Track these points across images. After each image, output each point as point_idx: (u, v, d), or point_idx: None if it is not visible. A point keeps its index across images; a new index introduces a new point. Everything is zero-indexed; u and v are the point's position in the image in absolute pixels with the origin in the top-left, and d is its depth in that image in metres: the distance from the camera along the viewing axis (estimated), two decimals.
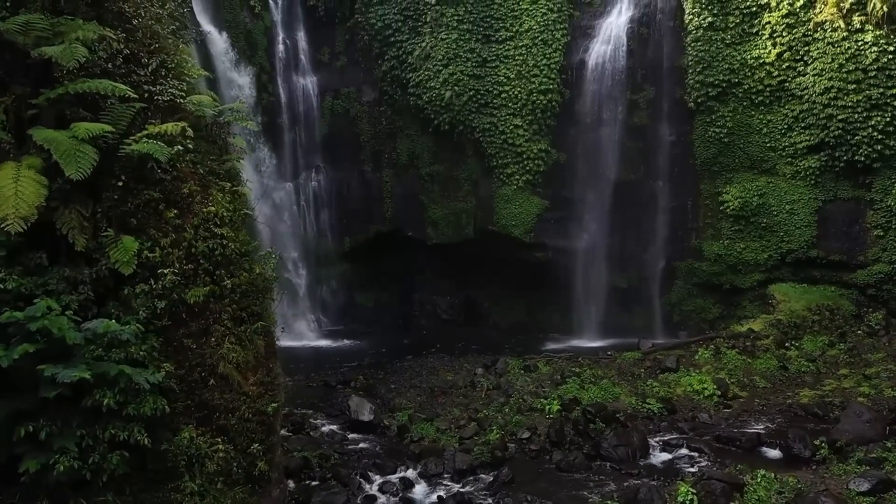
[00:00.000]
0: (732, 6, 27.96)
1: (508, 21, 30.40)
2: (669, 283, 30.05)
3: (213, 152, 12.63)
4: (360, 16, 32.31)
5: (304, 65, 33.61)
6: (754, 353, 22.33)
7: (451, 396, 20.00)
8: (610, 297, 30.41)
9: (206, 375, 11.18)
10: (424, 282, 34.08)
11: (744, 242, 28.48)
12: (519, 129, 30.21)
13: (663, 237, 29.83)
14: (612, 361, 22.63)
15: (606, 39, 29.72)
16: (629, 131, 29.79)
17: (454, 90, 30.37)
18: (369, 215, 33.68)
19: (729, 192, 28.45)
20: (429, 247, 32.71)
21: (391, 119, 33.00)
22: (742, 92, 28.03)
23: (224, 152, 13.48)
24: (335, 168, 33.68)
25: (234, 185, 12.57)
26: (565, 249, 30.53)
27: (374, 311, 34.07)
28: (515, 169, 30.48)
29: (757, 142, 28.19)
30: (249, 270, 12.57)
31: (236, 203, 12.57)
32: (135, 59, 11.54)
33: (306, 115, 33.36)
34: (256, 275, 12.74)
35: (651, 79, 29.54)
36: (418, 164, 32.51)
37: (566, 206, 30.52)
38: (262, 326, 12.45)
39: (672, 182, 29.61)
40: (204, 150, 12.34)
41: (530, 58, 29.99)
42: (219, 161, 12.72)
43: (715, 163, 28.78)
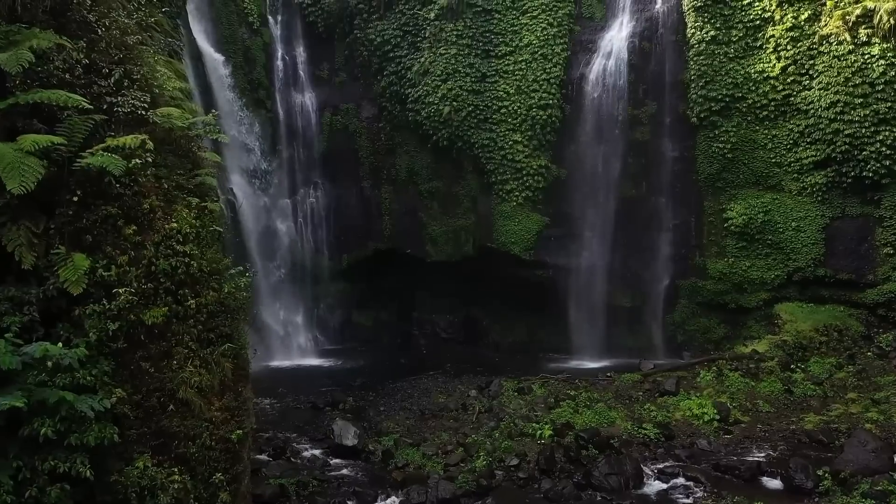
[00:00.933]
0: (735, 20, 27.43)
1: (508, 36, 30.02)
2: (673, 302, 29.27)
3: (181, 166, 12.16)
4: (360, 31, 32.08)
5: (303, 81, 33.38)
6: (758, 375, 21.51)
7: (441, 420, 19.33)
8: (612, 317, 29.64)
9: (166, 401, 10.62)
10: (424, 300, 33.48)
11: (749, 260, 27.70)
12: (518, 144, 29.71)
13: (666, 255, 29.12)
14: (610, 383, 21.87)
15: (607, 54, 29.25)
16: (631, 147, 29.19)
17: (453, 105, 29.96)
18: (368, 232, 33.19)
19: (733, 208, 27.74)
20: (428, 264, 32.14)
21: (390, 135, 32.62)
22: (746, 107, 27.41)
23: (196, 166, 13.03)
24: (333, 184, 33.28)
25: (202, 201, 12.08)
26: (566, 267, 29.87)
27: (372, 330, 33.50)
28: (515, 185, 29.93)
29: (762, 157, 27.51)
30: (218, 289, 12.05)
31: (204, 219, 12.08)
32: (96, 69, 11.12)
33: (305, 132, 33.06)
34: (226, 294, 12.21)
35: (653, 93, 28.98)
36: (417, 180, 32.05)
37: (567, 223, 29.89)
38: (231, 348, 11.89)
39: (675, 199, 28.93)
40: (171, 164, 11.88)
41: (530, 73, 29.55)
42: (187, 176, 12.26)
43: (719, 179, 28.10)
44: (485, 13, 30.22)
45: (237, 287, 12.43)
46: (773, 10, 26.91)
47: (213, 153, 13.40)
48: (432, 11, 30.40)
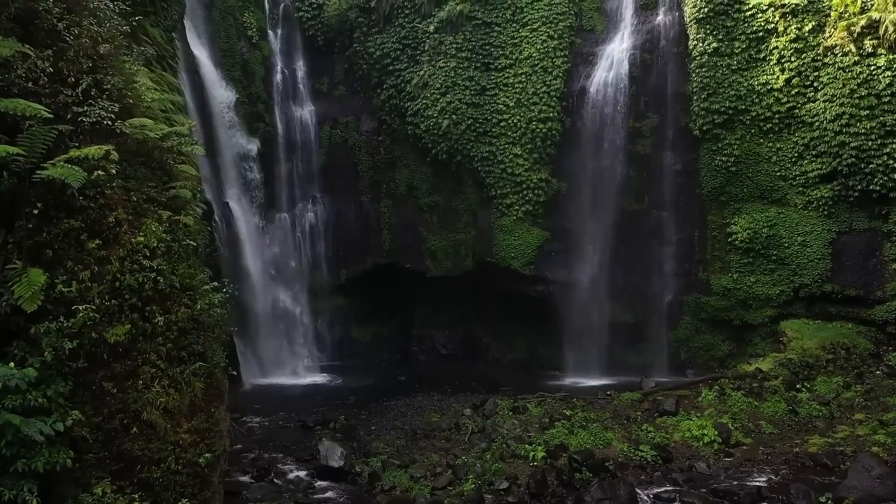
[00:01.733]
0: (738, 31, 26.98)
1: (508, 49, 29.72)
2: (676, 318, 28.63)
3: (153, 178, 11.79)
4: (359, 45, 31.89)
5: (303, 94, 33.20)
6: (762, 395, 20.81)
7: (432, 440, 18.75)
8: (614, 333, 29.03)
9: (129, 422, 10.17)
10: (423, 315, 32.98)
11: (754, 276, 27.06)
12: (518, 158, 29.30)
13: (669, 270, 28.52)
14: (608, 402, 21.22)
15: (608, 66, 28.87)
16: (632, 160, 28.72)
17: (452, 119, 29.64)
18: (367, 247, 32.83)
19: (737, 223, 27.15)
20: (428, 279, 31.72)
21: (390, 149, 32.35)
22: (749, 119, 26.89)
23: (172, 178, 12.66)
24: (333, 198, 32.99)
25: (175, 214, 11.69)
26: (567, 283, 29.33)
27: (371, 346, 33.05)
28: (515, 199, 29.49)
29: (766, 171, 26.94)
30: (191, 306, 11.63)
31: (177, 233, 11.69)
32: (61, 78, 10.78)
33: (304, 145, 32.84)
34: (200, 310, 11.79)
35: (654, 106, 28.54)
36: (417, 194, 31.70)
37: (567, 238, 29.40)
38: (202, 367, 11.43)
39: (677, 213, 28.38)
40: (142, 176, 11.51)
41: (530, 85, 29.19)
42: (160, 188, 11.88)
43: (722, 192, 27.53)
44: (485, 26, 29.95)
45: (211, 303, 12.00)
46: (776, 22, 26.44)
47: (189, 166, 13.02)
48: (432, 24, 30.18)
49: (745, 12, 26.89)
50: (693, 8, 27.43)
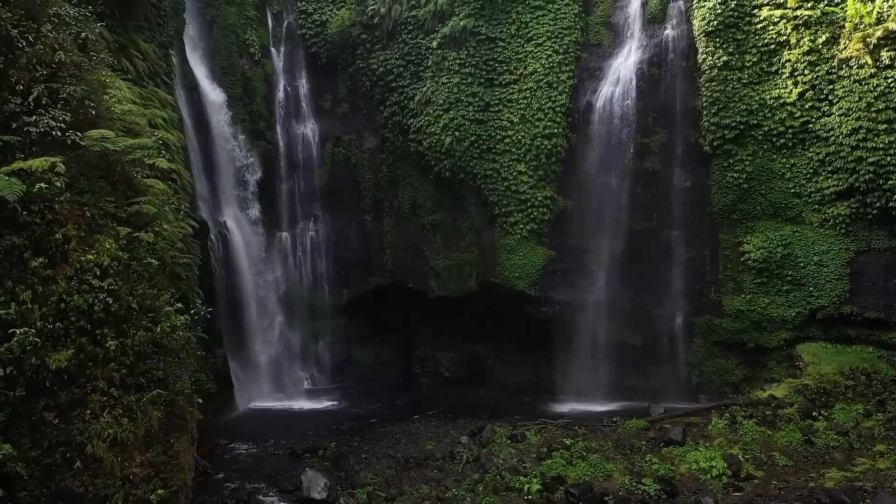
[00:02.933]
0: (749, 44, 26.11)
1: (512, 64, 29.06)
2: (687, 341, 27.49)
3: (112, 193, 11.12)
4: (362, 61, 31.42)
5: (305, 112, 32.75)
6: (775, 423, 19.62)
7: (424, 469, 17.80)
8: (622, 356, 27.96)
9: (72, 456, 9.41)
10: (426, 337, 32.10)
11: (768, 297, 25.91)
12: (523, 175, 28.51)
13: (679, 291, 27.45)
14: (612, 430, 20.16)
15: (615, 81, 28.08)
16: (640, 177, 27.81)
17: (455, 135, 28.96)
18: (369, 266, 32.12)
19: (750, 241, 26.07)
20: (431, 300, 30.89)
21: (392, 166, 31.73)
22: (762, 134, 25.92)
23: (138, 193, 11.99)
24: (334, 217, 32.38)
25: (134, 231, 10.99)
26: (573, 304, 28.35)
27: (372, 368, 32.19)
28: (519, 217, 28.66)
29: (780, 187, 25.89)
30: (151, 328, 10.89)
31: (137, 251, 10.98)
32: (10, 86, 10.18)
33: (305, 163, 32.33)
34: (161, 333, 11.05)
35: (663, 121, 27.66)
36: (420, 212, 30.99)
37: (573, 257, 28.45)
38: (161, 395, 10.65)
39: (688, 231, 27.36)
40: (99, 190, 10.84)
41: (534, 101, 28.47)
42: (120, 203, 11.20)
43: (734, 210, 26.49)
44: (489, 41, 29.34)
45: (175, 325, 11.25)
46: (788, 34, 25.55)
47: (157, 180, 12.34)
48: (435, 40, 29.64)
49: (756, 25, 26.04)
50: (702, 21, 26.62)
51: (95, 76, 12.52)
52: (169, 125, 22.20)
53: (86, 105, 11.30)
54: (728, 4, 26.18)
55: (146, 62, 22.04)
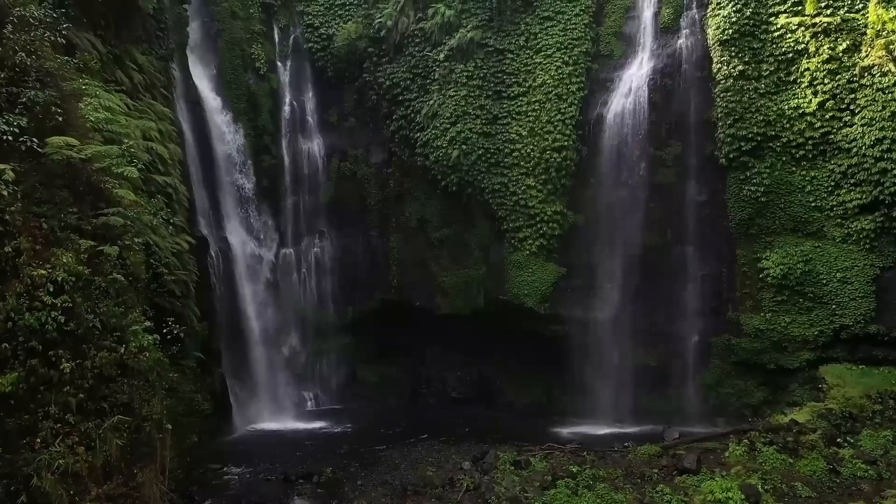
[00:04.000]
0: (765, 53, 25.21)
1: (521, 76, 28.37)
2: (704, 361, 26.34)
3: (76, 203, 10.43)
4: (369, 75, 30.92)
5: (311, 126, 32.23)
6: (798, 451, 18.42)
7: (421, 498, 16.85)
8: (636, 377, 26.87)
9: (17, 489, 8.62)
10: (433, 356, 31.18)
11: (789, 316, 24.73)
12: (532, 189, 27.68)
13: (695, 309, 26.35)
14: (623, 457, 19.08)
15: (626, 92, 27.27)
16: (654, 191, 26.86)
17: (462, 149, 28.26)
18: (375, 283, 31.34)
19: (769, 257, 24.96)
20: (438, 318, 30.05)
21: (399, 181, 31.06)
22: (780, 146, 24.92)
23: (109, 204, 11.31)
24: (340, 233, 31.70)
25: (99, 245, 10.29)
26: (584, 322, 27.36)
27: (378, 388, 31.28)
28: (528, 233, 27.78)
29: (800, 201, 24.81)
30: (114, 349, 10.15)
31: (102, 266, 10.27)
32: None
33: (311, 178, 31.76)
34: (128, 354, 10.30)
35: (677, 133, 26.74)
36: (427, 228, 30.25)
37: (585, 274, 27.52)
38: (123, 421, 9.88)
39: (703, 247, 26.32)
40: (60, 201, 10.16)
41: (544, 113, 27.71)
42: (85, 215, 10.52)
43: (752, 225, 25.42)
44: (497, 53, 28.70)
45: (142, 346, 10.51)
46: (807, 42, 24.62)
47: (128, 191, 11.65)
48: (442, 53, 29.06)
49: (773, 33, 25.16)
50: (716, 30, 25.77)
51: (74, 83, 11.90)
52: (165, 138, 21.75)
53: (52, 112, 10.67)
54: (744, 13, 25.34)
55: (143, 74, 21.60)
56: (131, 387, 10.32)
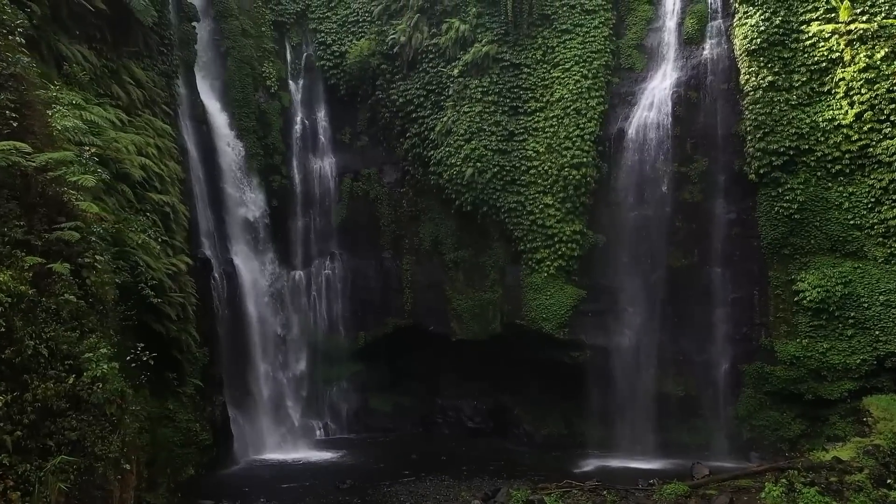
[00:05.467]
0: (797, 63, 23.81)
1: (538, 91, 27.26)
2: (735, 391, 24.63)
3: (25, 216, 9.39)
4: (382, 92, 30.05)
5: (323, 145, 31.39)
6: (842, 492, 16.64)
7: None
8: (662, 408, 25.23)
9: None
10: (448, 384, 29.81)
11: (828, 342, 22.98)
12: (549, 208, 26.42)
13: (725, 335, 24.72)
14: (647, 497, 17.44)
15: (649, 105, 26.01)
16: (679, 209, 25.47)
17: (476, 166, 27.14)
18: (387, 307, 30.16)
19: (805, 279, 23.31)
20: (453, 343, 28.77)
21: (413, 201, 30.00)
22: (814, 160, 23.40)
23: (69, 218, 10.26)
24: (352, 255, 30.63)
25: (49, 262, 9.21)
26: (606, 348, 25.87)
27: (391, 417, 29.92)
28: (546, 254, 26.45)
29: (837, 219, 23.18)
30: (64, 379, 9.01)
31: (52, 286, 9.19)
32: None
33: (322, 199, 30.84)
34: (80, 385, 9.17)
35: (703, 148, 25.35)
36: (442, 249, 29.09)
37: (606, 297, 26.07)
38: (68, 462, 8.71)
39: (733, 268, 24.78)
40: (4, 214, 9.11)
41: (562, 129, 26.52)
42: (36, 229, 9.46)
43: (785, 244, 23.82)
44: (513, 67, 27.65)
45: (96, 376, 9.36)
46: (841, 51, 23.18)
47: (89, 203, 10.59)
48: (456, 68, 28.11)
49: (805, 42, 23.77)
50: (744, 39, 24.45)
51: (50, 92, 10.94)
52: (164, 155, 20.90)
53: (6, 116, 9.69)
54: (773, 21, 24.00)
55: (141, 90, 20.84)
56: (82, 422, 9.16)
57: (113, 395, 9.75)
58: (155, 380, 19.01)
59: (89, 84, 17.51)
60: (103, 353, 9.61)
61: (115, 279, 14.83)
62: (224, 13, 28.80)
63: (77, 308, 9.64)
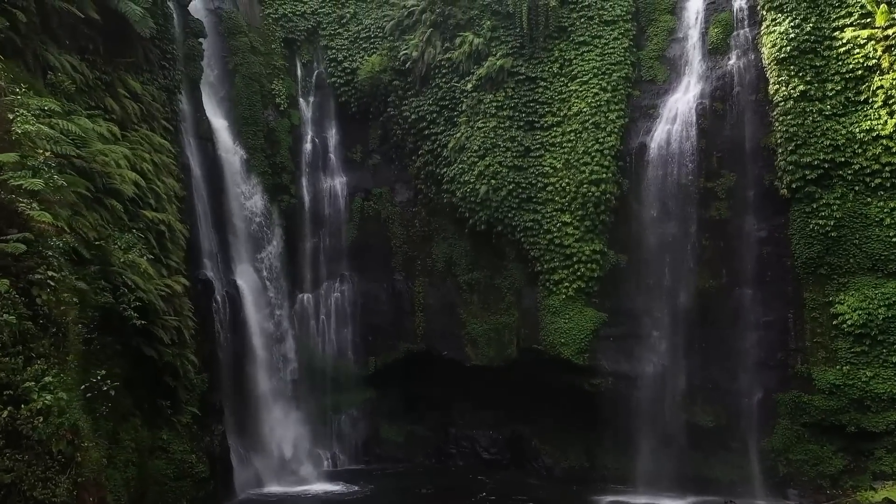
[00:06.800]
0: (830, 71, 22.44)
1: (555, 105, 26.18)
2: (770, 421, 22.95)
3: None
4: (394, 109, 29.13)
5: (334, 164, 30.45)
6: None
7: None
8: (691, 439, 23.62)
9: None
10: (463, 412, 28.40)
11: (871, 369, 21.29)
12: (567, 226, 25.16)
13: (757, 361, 23.14)
14: None
15: (672, 118, 24.80)
16: (705, 227, 24.09)
17: (491, 184, 26.04)
18: (399, 331, 28.92)
19: (844, 301, 21.70)
20: (467, 369, 27.46)
21: (426, 220, 28.92)
22: (852, 173, 21.94)
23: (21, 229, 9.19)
24: (362, 277, 29.48)
25: None
26: (629, 375, 24.42)
27: (403, 448, 28.52)
28: (564, 274, 25.12)
29: (878, 236, 21.62)
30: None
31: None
32: None
33: (332, 219, 29.82)
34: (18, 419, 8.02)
35: (730, 162, 23.98)
36: (455, 271, 27.92)
37: (629, 321, 24.68)
38: None
39: (765, 289, 23.27)
40: None
41: (580, 144, 25.33)
42: None
43: (821, 264, 22.24)
44: (528, 81, 26.61)
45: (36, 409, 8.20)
46: (879, 57, 21.80)
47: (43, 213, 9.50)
48: (470, 82, 27.15)
49: (839, 49, 22.41)
50: (773, 48, 23.13)
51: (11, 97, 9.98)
52: (161, 171, 20.01)
53: None
54: (803, 28, 22.69)
55: (139, 104, 20.01)
56: (19, 462, 7.97)
57: (61, 430, 8.57)
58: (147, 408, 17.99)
59: (77, 94, 16.69)
60: (50, 382, 8.44)
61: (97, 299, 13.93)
62: (232, 30, 28.14)
63: (21, 330, 8.52)
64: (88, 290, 13.28)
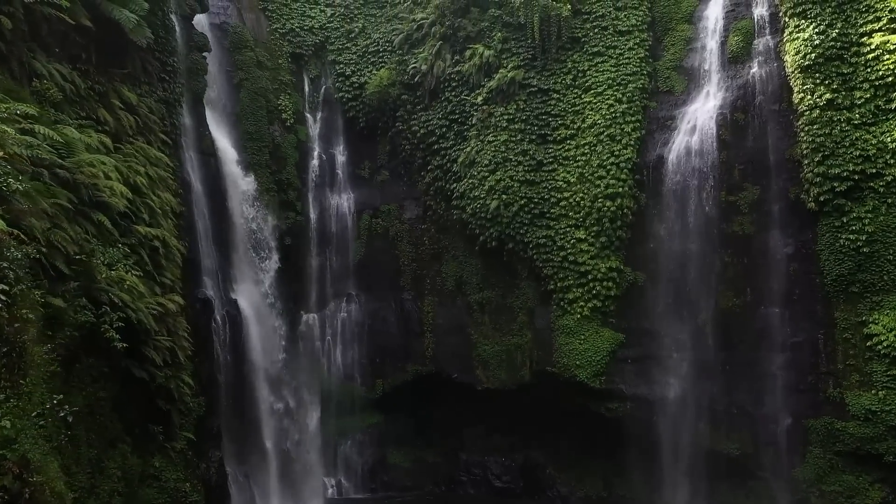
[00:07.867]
0: (859, 78, 21.30)
1: (568, 117, 25.27)
2: (800, 449, 21.53)
3: None
4: (402, 124, 28.38)
5: (342, 180, 29.66)
6: None
7: None
8: (714, 468, 22.30)
9: None
10: (474, 438, 27.25)
11: None
12: (582, 243, 24.12)
13: (786, 384, 21.80)
14: None
15: (690, 130, 23.76)
16: (728, 243, 22.93)
17: (502, 199, 25.10)
18: (407, 353, 27.92)
19: (879, 321, 20.39)
20: (479, 392, 26.41)
21: (435, 238, 28.00)
22: (884, 185, 20.72)
23: None
24: (370, 297, 28.57)
25: None
26: (649, 399, 23.19)
27: (411, 474, 27.38)
28: (579, 293, 24.04)
29: None
30: None
31: None
32: None
33: (339, 236, 28.98)
34: None
35: (753, 175, 22.86)
36: (466, 290, 26.95)
37: (648, 342, 23.50)
38: None
39: (793, 308, 21.98)
40: None
41: (595, 157, 24.36)
42: None
43: (853, 281, 20.95)
44: (541, 93, 25.76)
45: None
46: None
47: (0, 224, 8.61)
48: (480, 95, 26.34)
49: (867, 55, 21.28)
50: (797, 55, 22.05)
51: None
52: (157, 185, 19.22)
53: None
54: (828, 34, 21.61)
55: (134, 116, 19.28)
56: None
57: (6, 463, 7.57)
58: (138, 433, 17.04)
59: (67, 104, 15.97)
60: None
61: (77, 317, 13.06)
62: (238, 45, 27.57)
63: None
64: (66, 308, 12.45)
